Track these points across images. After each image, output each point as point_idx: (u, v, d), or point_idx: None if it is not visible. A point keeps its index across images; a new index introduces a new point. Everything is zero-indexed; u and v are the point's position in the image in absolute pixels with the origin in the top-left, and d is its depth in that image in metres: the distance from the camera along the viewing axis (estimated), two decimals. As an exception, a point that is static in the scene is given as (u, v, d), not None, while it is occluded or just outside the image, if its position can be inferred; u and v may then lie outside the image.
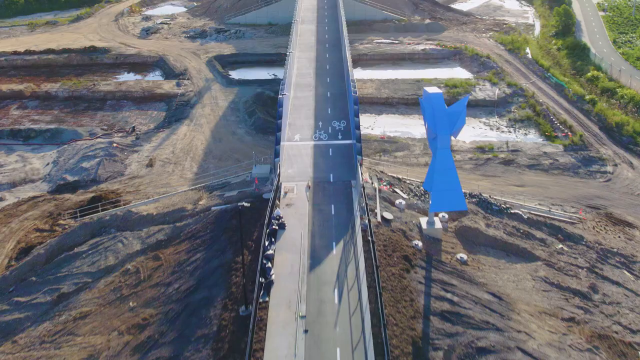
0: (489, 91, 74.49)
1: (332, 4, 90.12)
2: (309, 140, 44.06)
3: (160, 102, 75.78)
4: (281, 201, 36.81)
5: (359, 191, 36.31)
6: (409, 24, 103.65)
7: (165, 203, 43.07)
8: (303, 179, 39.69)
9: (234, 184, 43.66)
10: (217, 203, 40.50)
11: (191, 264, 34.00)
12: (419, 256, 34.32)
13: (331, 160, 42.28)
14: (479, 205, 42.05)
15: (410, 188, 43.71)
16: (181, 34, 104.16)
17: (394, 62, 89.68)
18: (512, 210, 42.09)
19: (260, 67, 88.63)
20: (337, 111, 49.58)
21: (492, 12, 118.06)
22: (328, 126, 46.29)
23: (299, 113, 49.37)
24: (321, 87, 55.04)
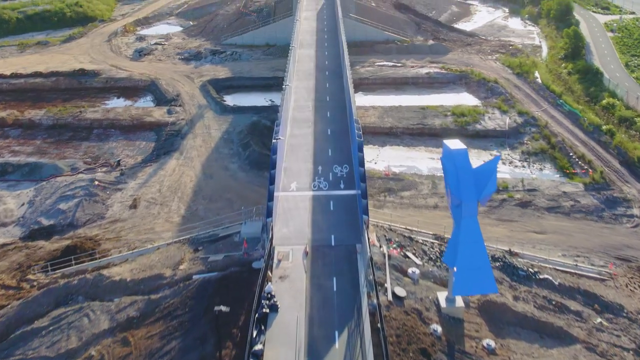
0: (499, 120, 69.18)
1: (332, 27, 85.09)
2: (307, 190, 38.46)
3: (150, 131, 70.40)
4: (274, 272, 31.24)
5: (365, 260, 30.76)
6: (412, 46, 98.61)
7: (143, 264, 37.51)
8: (300, 242, 34.05)
9: (221, 245, 38.05)
10: (200, 270, 34.98)
11: (165, 355, 28.46)
12: (439, 347, 28.76)
13: (333, 216, 36.65)
14: (504, 270, 36.52)
15: (423, 249, 38.16)
16: (175, 55, 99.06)
17: (396, 86, 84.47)
18: (540, 276, 36.56)
19: (256, 92, 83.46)
20: (338, 153, 44.07)
21: (497, 33, 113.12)
22: (329, 172, 40.79)
23: (296, 155, 43.75)
24: (321, 122, 49.63)
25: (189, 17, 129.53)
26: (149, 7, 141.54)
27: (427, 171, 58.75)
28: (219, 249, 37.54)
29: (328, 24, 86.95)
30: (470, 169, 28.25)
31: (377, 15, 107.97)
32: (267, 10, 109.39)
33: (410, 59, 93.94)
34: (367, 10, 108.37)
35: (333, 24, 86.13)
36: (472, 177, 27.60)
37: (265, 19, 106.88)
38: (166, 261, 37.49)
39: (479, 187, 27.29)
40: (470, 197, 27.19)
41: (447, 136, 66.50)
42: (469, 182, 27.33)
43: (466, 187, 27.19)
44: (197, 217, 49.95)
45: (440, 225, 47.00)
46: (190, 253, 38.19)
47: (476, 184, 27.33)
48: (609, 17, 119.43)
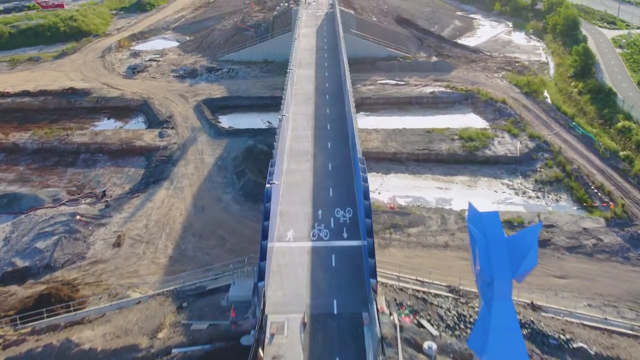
0: (510, 145, 64.73)
1: (333, 44, 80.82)
2: (305, 240, 33.77)
3: (140, 156, 65.95)
4: (266, 350, 26.53)
5: (374, 337, 26.02)
6: (415, 63, 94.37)
7: (118, 326, 32.88)
8: (297, 309, 29.17)
9: (206, 309, 33.32)
10: (180, 342, 30.36)
11: None
12: None
13: (335, 274, 31.80)
14: (532, 339, 31.89)
15: (439, 314, 33.51)
16: (170, 72, 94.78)
17: (399, 106, 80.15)
18: (574, 344, 31.94)
19: (253, 112, 79.13)
20: (341, 193, 39.42)
21: (502, 48, 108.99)
22: (330, 217, 36.19)
23: (293, 195, 39.04)
24: (321, 155, 45.08)
25: (185, 31, 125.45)
26: (145, 21, 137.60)
27: (434, 202, 54.24)
28: (204, 312, 32.90)
29: (328, 41, 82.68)
30: (503, 239, 22.68)
31: (378, 31, 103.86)
32: (265, 25, 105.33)
33: (413, 76, 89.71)
34: (368, 25, 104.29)
35: (334, 42, 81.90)
36: (507, 248, 21.97)
37: (263, 34, 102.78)
38: (144, 324, 32.84)
39: (514, 262, 21.44)
40: (504, 274, 21.42)
41: (454, 162, 62.44)
42: (502, 255, 21.70)
43: (499, 262, 21.57)
44: (185, 257, 45.39)
45: (453, 268, 42.57)
46: (172, 314, 33.48)
47: (511, 257, 21.65)
48: (616, 32, 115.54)
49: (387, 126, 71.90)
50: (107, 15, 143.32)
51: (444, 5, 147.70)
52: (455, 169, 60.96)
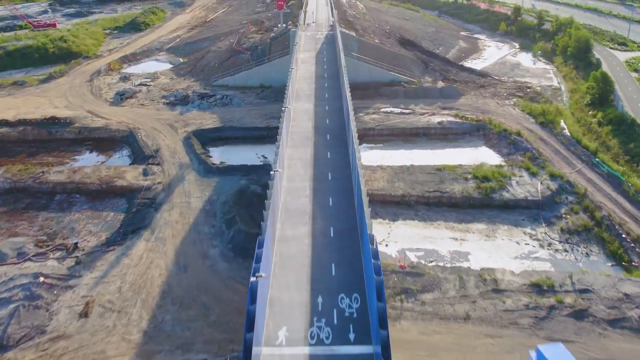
0: (529, 185, 57.84)
1: (334, 72, 74.15)
2: (301, 344, 25.99)
3: (121, 197, 59.03)
4: None
5: None
6: (420, 89, 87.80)
7: None
8: None
9: None
10: None
11: None
12: None
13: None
14: None
15: None
16: (160, 99, 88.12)
17: (406, 138, 73.39)
18: None
19: (247, 145, 72.49)
20: (346, 270, 31.89)
21: (510, 72, 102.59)
22: (332, 307, 28.69)
23: (288, 275, 31.36)
24: (321, 216, 37.85)
25: (179, 53, 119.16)
26: (139, 41, 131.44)
27: (449, 258, 47.24)
28: None
29: (329, 68, 76.03)
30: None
31: (381, 54, 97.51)
32: (261, 48, 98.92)
33: (419, 103, 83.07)
34: (371, 48, 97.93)
35: (334, 68, 75.24)
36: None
37: (260, 57, 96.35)
38: None
39: None
40: None
41: (469, 207, 55.48)
42: None
43: None
44: (162, 333, 38.26)
45: (476, 349, 35.53)
46: None
47: None
48: (628, 54, 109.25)
49: (393, 161, 65.28)
50: (100, 35, 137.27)
51: (447, 25, 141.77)
52: (471, 215, 53.98)
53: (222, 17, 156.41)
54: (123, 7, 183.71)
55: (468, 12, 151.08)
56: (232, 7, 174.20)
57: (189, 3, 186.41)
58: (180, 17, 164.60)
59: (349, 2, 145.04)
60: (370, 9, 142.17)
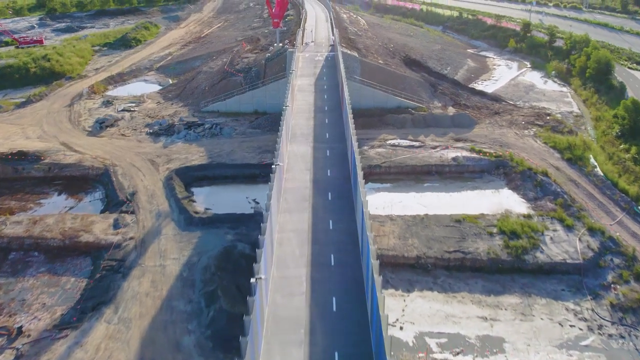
0: (566, 243, 48.16)
1: (335, 103, 64.68)
2: None
3: (86, 256, 49.38)
4: None
5: None
6: (430, 116, 78.26)
7: None
8: None
9: None
10: None
11: None
12: None
13: None
14: None
15: None
16: (143, 127, 78.51)
17: (417, 176, 63.82)
18: None
19: (237, 184, 63.01)
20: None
21: (525, 95, 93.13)
22: None
23: None
24: (321, 330, 27.18)
25: (170, 72, 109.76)
26: (128, 59, 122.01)
27: (479, 347, 37.58)
28: None
29: (330, 99, 66.44)
30: None
31: (386, 76, 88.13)
32: (255, 69, 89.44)
33: (429, 134, 73.54)
34: (374, 70, 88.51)
35: (336, 100, 65.70)
36: None
37: (254, 80, 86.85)
38: None
39: None
40: None
41: (498, 272, 45.81)
42: None
43: None
44: None
45: None
46: None
47: None
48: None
49: (404, 207, 55.84)
50: (88, 53, 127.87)
51: (453, 42, 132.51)
52: (501, 283, 44.28)
53: (217, 32, 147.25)
54: (116, 21, 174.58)
55: (474, 27, 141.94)
56: (228, 21, 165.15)
57: (184, 17, 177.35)
58: (174, 32, 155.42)
59: (350, 18, 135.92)
60: (372, 24, 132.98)
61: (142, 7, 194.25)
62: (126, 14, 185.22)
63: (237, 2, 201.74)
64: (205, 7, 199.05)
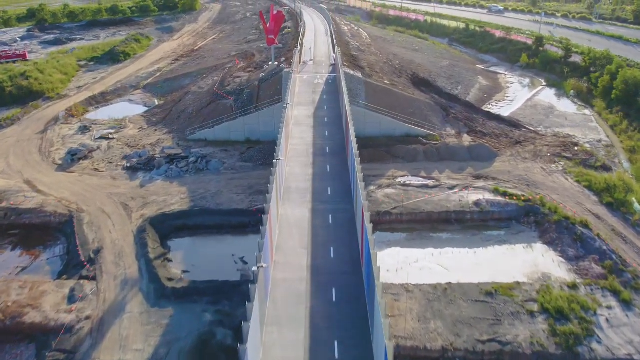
0: (628, 329, 37.85)
1: (339, 143, 53.97)
2: None
3: (30, 343, 38.98)
4: None
5: None
6: (444, 147, 67.94)
7: None
8: None
9: None
10: None
11: None
12: None
13: None
14: None
15: None
16: (121, 160, 68.21)
17: (433, 225, 53.49)
18: None
19: (222, 236, 52.70)
20: None
21: (545, 119, 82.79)
22: None
23: None
24: None
25: (157, 91, 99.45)
26: (114, 76, 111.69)
27: None
28: None
29: (332, 137, 55.82)
30: None
31: (392, 99, 77.93)
32: (248, 92, 79.15)
33: (444, 169, 63.27)
34: (380, 92, 78.29)
35: (339, 138, 55.05)
36: None
37: (246, 105, 76.62)
38: None
39: None
40: None
41: (546, 372, 35.34)
42: None
43: None
44: None
45: None
46: None
47: None
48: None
49: (420, 270, 45.52)
50: (73, 69, 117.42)
51: (461, 56, 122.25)
52: (552, 390, 33.90)
53: (211, 45, 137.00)
54: (107, 32, 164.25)
55: (482, 40, 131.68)
56: (224, 33, 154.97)
57: (178, 28, 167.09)
58: (167, 44, 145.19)
59: (351, 30, 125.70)
60: (375, 38, 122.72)
61: (135, 18, 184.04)
62: (119, 24, 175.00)
63: (234, 12, 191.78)
64: (201, 17, 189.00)
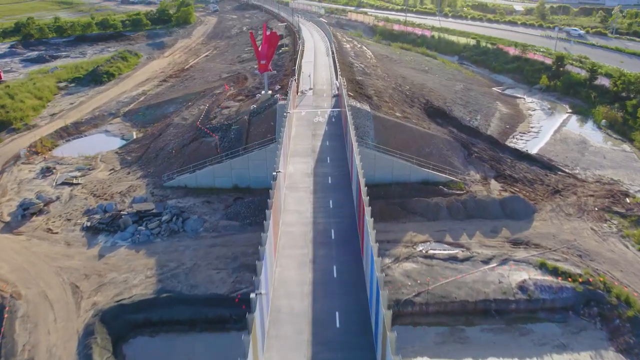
0: None
1: (348, 223, 40.48)
2: None
3: None
4: None
5: None
6: (472, 201, 54.87)
7: None
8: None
9: None
10: None
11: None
12: None
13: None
14: None
15: None
16: (81, 216, 55.20)
17: (468, 319, 40.41)
18: None
19: (196, 335, 39.53)
20: None
21: (580, 157, 69.77)
22: None
23: None
24: None
25: (138, 120, 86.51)
26: (94, 100, 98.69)
27: None
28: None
29: (337, 210, 41.95)
30: None
31: (406, 135, 65.09)
32: (236, 128, 66.21)
33: (474, 231, 50.42)
34: (391, 128, 65.43)
35: (348, 213, 41.59)
36: None
37: (233, 144, 63.69)
38: None
39: None
40: None
41: None
42: None
43: None
44: None
45: None
46: None
47: None
48: None
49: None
50: (50, 92, 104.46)
51: (474, 77, 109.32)
52: None
53: (203, 63, 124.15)
54: (95, 49, 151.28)
55: (495, 59, 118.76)
56: (217, 49, 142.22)
57: (170, 44, 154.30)
58: (156, 62, 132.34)
59: (354, 49, 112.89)
60: (380, 57, 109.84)
61: (127, 32, 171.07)
62: (108, 39, 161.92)
63: (230, 26, 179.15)
64: (196, 31, 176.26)
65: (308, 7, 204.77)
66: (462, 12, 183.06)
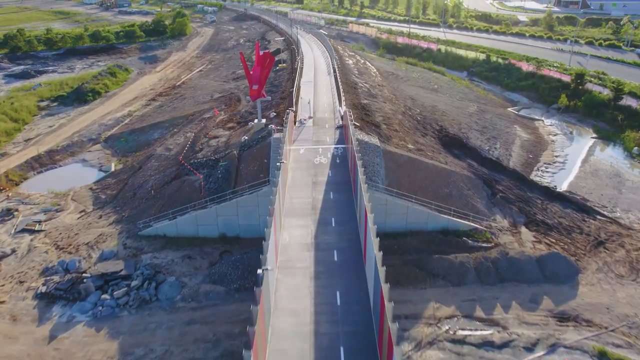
0: None
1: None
2: None
3: None
4: None
5: None
6: (504, 261, 45.01)
7: None
8: None
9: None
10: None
11: None
12: None
13: None
14: None
15: None
16: (38, 276, 45.42)
17: None
18: None
19: None
20: None
21: (617, 194, 60.06)
22: None
23: None
24: None
25: (119, 147, 76.77)
26: (75, 123, 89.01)
27: None
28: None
29: (345, 288, 32.30)
30: None
31: (421, 174, 55.30)
32: (224, 166, 56.39)
33: (509, 300, 40.67)
34: (404, 165, 55.63)
35: (363, 305, 31.61)
36: None
37: (220, 185, 53.87)
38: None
39: None
40: None
41: None
42: None
43: None
44: None
45: None
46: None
47: None
48: None
49: None
50: (30, 112, 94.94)
51: (486, 96, 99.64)
52: None
53: (196, 79, 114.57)
54: (84, 62, 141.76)
55: (507, 75, 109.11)
56: (212, 63, 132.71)
57: (163, 58, 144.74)
58: (147, 77, 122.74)
59: (357, 65, 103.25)
60: (385, 75, 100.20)
61: (119, 44, 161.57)
62: (99, 52, 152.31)
63: (226, 38, 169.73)
64: (191, 43, 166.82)
65: (307, 18, 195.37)
66: (466, 23, 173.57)
